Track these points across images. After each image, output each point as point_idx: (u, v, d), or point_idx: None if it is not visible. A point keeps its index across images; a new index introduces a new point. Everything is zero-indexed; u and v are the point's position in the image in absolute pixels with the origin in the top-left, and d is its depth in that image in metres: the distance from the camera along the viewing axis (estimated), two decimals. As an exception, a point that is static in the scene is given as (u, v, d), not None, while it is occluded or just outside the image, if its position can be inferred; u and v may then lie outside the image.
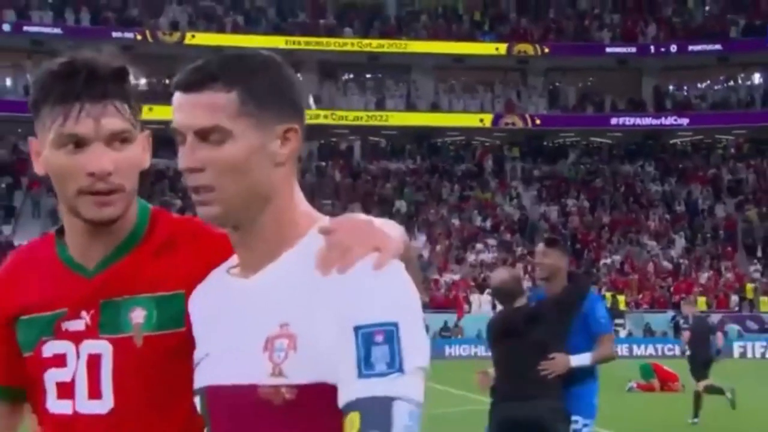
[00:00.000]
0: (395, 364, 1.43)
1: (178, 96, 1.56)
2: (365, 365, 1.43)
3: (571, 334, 6.03)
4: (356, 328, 1.44)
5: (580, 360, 5.96)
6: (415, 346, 1.46)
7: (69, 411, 1.82)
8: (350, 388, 1.43)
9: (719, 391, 15.28)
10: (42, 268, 1.83)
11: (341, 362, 1.45)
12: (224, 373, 1.56)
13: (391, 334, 1.44)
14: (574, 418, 6.09)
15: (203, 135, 1.53)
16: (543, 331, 5.71)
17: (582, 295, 6.06)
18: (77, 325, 1.81)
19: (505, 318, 6.17)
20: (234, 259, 1.66)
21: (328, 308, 1.47)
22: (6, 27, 40.35)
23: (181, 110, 1.55)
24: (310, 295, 1.50)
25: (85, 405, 1.81)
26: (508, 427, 6.02)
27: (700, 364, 15.43)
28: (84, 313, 1.80)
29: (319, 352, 1.47)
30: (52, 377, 1.84)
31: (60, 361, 1.83)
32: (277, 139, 1.56)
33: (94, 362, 1.82)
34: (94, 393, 1.82)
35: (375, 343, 1.43)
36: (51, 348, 1.82)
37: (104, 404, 1.82)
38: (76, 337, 1.82)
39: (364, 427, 1.41)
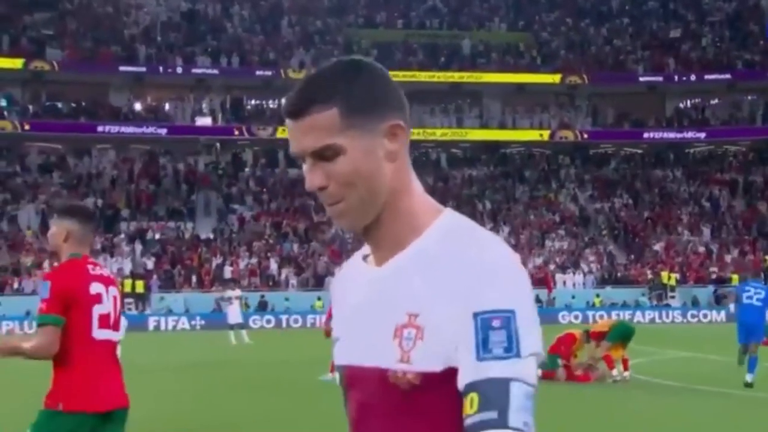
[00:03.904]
0: (512, 349, 1.35)
1: (288, 123, 1.48)
2: (483, 349, 1.36)
3: None
4: (475, 314, 1.37)
5: None
6: (530, 334, 1.38)
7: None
8: (469, 371, 1.36)
9: None
10: None
11: (461, 345, 1.38)
12: (358, 355, 1.51)
13: (507, 320, 1.36)
14: None
15: (318, 155, 1.45)
16: None
17: None
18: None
19: None
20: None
21: (452, 297, 1.39)
22: (179, 69, 44.56)
23: (293, 137, 1.47)
24: (435, 286, 1.42)
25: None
26: None
27: None
28: None
29: (444, 340, 1.40)
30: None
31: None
32: (384, 138, 1.46)
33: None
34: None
35: (492, 328, 1.36)
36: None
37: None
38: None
39: (482, 407, 1.34)
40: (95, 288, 4.07)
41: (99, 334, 4.00)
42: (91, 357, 4.03)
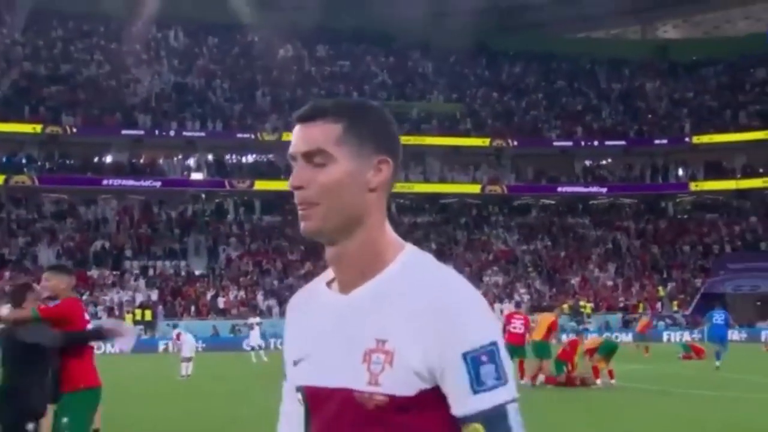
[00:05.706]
0: (501, 377, 1.38)
1: (296, 127, 1.49)
2: (477, 383, 1.37)
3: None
4: (465, 354, 1.37)
5: None
6: (508, 356, 1.41)
7: None
8: (467, 403, 1.37)
9: None
10: None
11: (451, 380, 1.38)
12: (325, 376, 1.47)
13: (492, 353, 1.38)
14: None
15: (309, 157, 1.45)
16: None
17: None
18: None
19: None
20: (331, 273, 1.53)
21: (425, 335, 1.38)
22: (171, 132, 47.16)
23: (295, 138, 1.48)
24: (406, 319, 1.40)
25: None
26: None
27: None
28: None
29: (412, 369, 1.39)
30: None
31: None
32: (371, 169, 1.47)
33: None
34: None
35: (482, 363, 1.37)
36: None
37: None
38: None
39: None
40: (86, 316, 6.18)
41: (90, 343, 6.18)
42: (87, 356, 6.02)
